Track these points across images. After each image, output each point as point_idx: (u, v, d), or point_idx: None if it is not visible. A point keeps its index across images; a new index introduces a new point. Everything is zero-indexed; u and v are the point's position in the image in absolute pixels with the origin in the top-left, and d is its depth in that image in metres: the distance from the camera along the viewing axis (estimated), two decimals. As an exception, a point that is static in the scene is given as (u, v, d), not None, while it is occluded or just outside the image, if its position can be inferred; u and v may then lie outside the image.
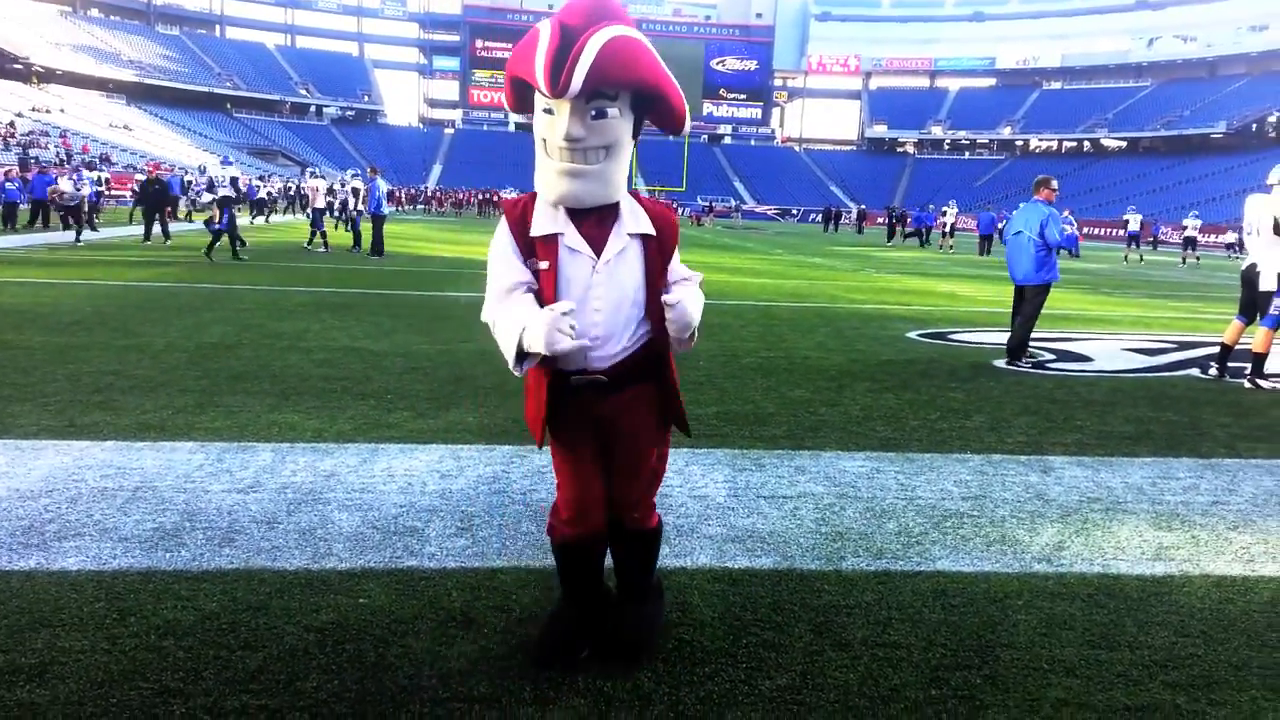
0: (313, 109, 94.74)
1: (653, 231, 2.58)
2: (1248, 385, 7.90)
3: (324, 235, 20.82)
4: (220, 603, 3.05)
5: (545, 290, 2.49)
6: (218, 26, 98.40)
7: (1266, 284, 7.94)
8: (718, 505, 4.24)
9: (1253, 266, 8.16)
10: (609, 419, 2.62)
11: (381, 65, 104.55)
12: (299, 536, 3.65)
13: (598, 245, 2.50)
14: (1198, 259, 32.49)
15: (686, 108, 2.50)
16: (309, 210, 22.64)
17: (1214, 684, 2.79)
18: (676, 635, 2.97)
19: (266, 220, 35.30)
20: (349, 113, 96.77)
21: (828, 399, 6.72)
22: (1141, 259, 32.96)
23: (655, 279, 2.58)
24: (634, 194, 2.63)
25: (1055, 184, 9.04)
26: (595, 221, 2.51)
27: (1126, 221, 35.55)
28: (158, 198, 21.13)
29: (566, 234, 2.49)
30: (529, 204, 2.54)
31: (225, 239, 17.37)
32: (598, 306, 2.50)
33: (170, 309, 10.05)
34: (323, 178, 22.88)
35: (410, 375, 6.93)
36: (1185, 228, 34.24)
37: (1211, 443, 5.85)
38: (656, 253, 2.58)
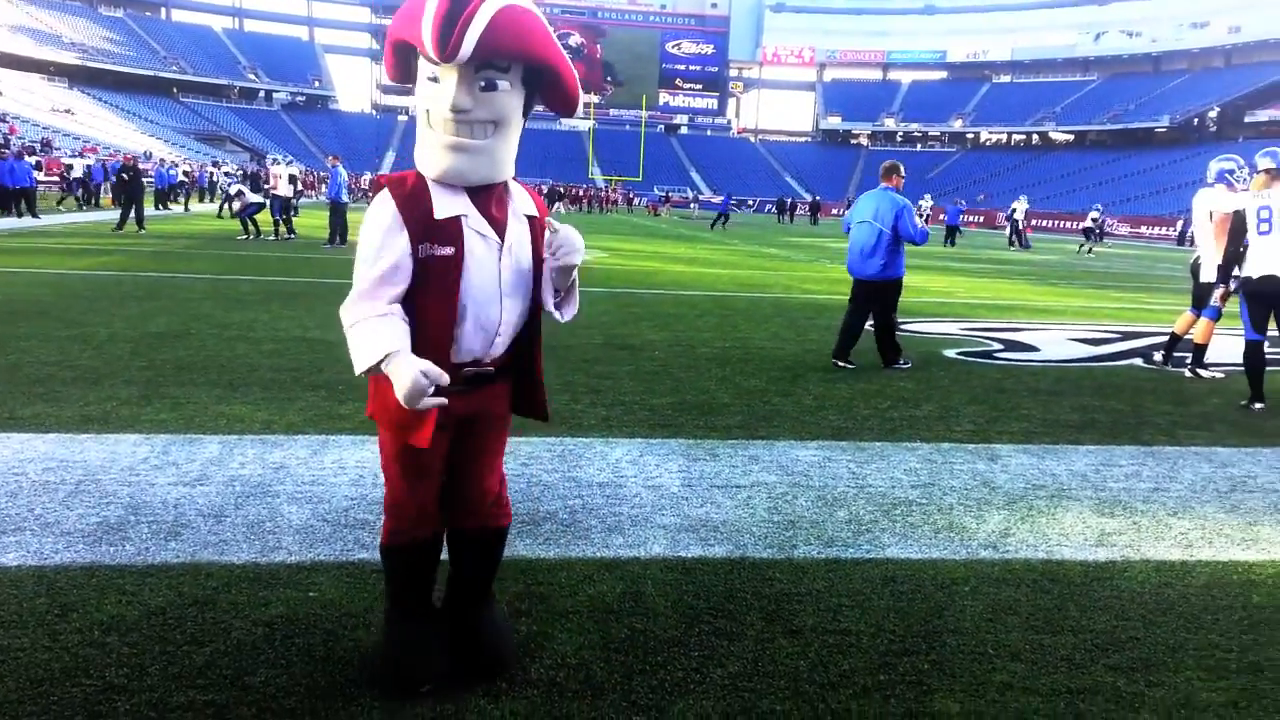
0: (262, 94, 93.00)
1: (537, 213, 2.47)
2: (1188, 374, 8.11)
3: (288, 224, 20.57)
4: (166, 597, 3.00)
5: (447, 280, 2.28)
6: (163, 9, 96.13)
7: (1206, 276, 8.17)
8: (672, 495, 4.26)
9: (1199, 259, 8.39)
10: (474, 412, 2.45)
11: (333, 50, 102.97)
12: (247, 530, 3.59)
13: (499, 228, 2.35)
14: (1090, 250, 33.51)
15: (580, 89, 2.37)
16: (230, 199, 21.94)
17: (1152, 666, 2.87)
18: (629, 625, 2.98)
19: (185, 209, 31.83)
20: (299, 98, 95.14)
21: (782, 389, 6.77)
22: (1092, 251, 33.62)
23: (540, 262, 2.46)
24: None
25: (903, 170, 8.34)
26: (495, 202, 2.36)
27: (1087, 215, 36.56)
28: (132, 185, 20.49)
29: (470, 215, 2.31)
30: (419, 182, 2.31)
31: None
32: (507, 292, 2.37)
33: (114, 298, 9.82)
34: (285, 164, 22.37)
35: (362, 366, 6.84)
36: (1086, 217, 35.77)
37: (1153, 430, 6.00)
38: (539, 234, 2.46)
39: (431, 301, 2.28)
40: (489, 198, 2.35)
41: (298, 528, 3.64)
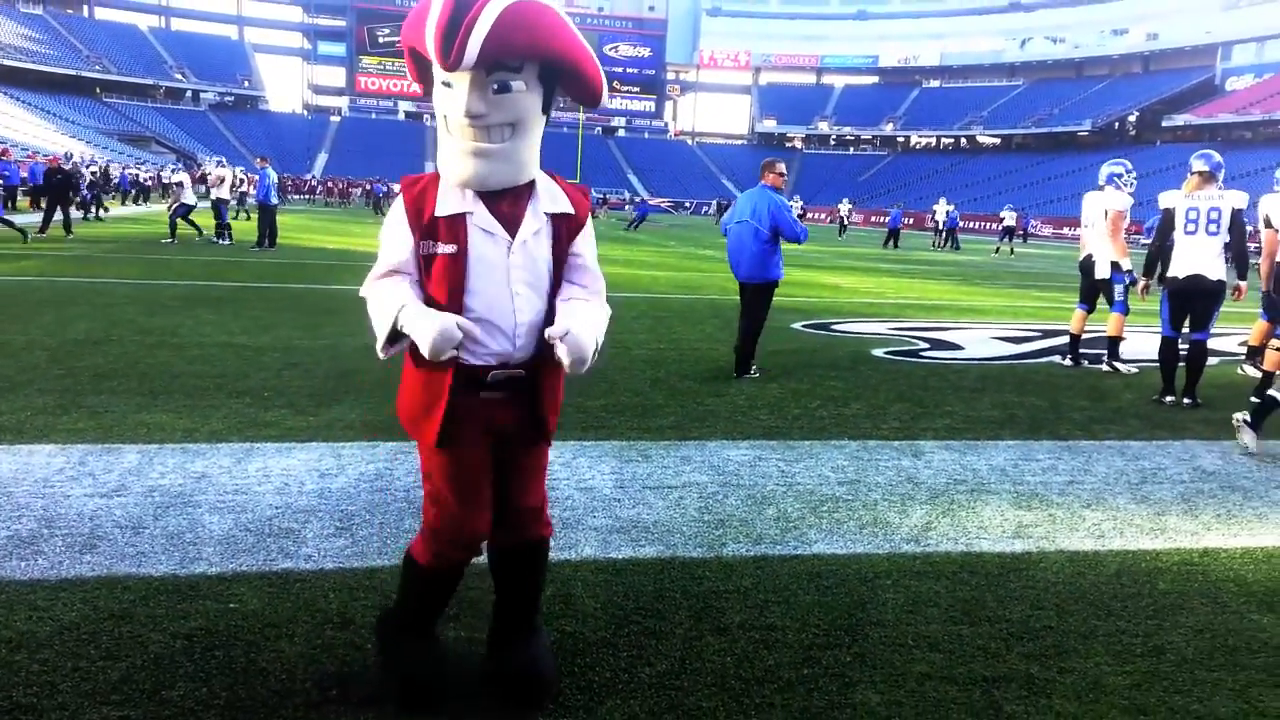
0: (189, 94, 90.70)
1: (571, 210, 2.39)
2: (1105, 368, 8.39)
3: (228, 227, 20.26)
4: (80, 612, 2.92)
5: (451, 277, 2.25)
6: (85, 6, 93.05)
7: (1101, 273, 8.51)
8: (604, 497, 4.27)
9: (1089, 257, 8.71)
10: (514, 418, 2.39)
11: (263, 50, 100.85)
12: (166, 541, 3.51)
13: (511, 224, 2.29)
14: (1012, 250, 34.71)
15: (604, 78, 2.30)
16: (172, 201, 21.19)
17: (1064, 653, 2.97)
18: (559, 627, 2.98)
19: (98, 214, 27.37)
20: (228, 98, 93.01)
21: (715, 389, 6.84)
22: (1013, 252, 34.51)
23: (563, 261, 2.39)
24: (549, 174, 2.45)
25: (782, 168, 7.59)
26: (510, 199, 2.30)
27: (1002, 218, 37.25)
28: (60, 187, 19.70)
29: (476, 213, 2.27)
30: (431, 182, 2.30)
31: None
32: (519, 291, 2.30)
33: (32, 304, 9.50)
34: (226, 166, 22.13)
35: (290, 371, 6.74)
36: (1003, 219, 36.70)
37: (1070, 425, 6.19)
38: (566, 232, 2.39)
39: (439, 299, 2.27)
40: (502, 195, 2.30)
41: (219, 538, 3.57)
